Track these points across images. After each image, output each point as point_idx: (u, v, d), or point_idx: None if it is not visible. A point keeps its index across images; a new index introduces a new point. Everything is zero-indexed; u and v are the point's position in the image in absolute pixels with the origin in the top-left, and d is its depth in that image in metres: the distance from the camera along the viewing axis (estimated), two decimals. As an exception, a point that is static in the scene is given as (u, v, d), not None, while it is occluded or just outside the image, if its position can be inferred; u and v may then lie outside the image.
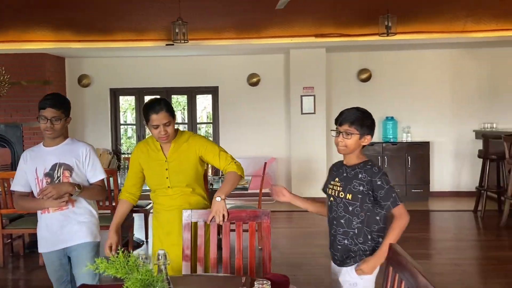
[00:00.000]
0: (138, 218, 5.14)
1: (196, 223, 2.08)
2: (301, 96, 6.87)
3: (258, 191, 4.71)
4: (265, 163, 4.46)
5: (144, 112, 2.25)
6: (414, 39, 6.61)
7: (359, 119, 2.02)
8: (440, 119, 7.27)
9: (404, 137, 7.13)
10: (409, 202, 6.74)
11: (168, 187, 2.28)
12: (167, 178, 2.27)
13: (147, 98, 7.93)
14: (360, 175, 2.01)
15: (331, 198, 2.09)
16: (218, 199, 2.09)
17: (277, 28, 6.52)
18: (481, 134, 6.18)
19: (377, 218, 2.02)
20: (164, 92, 7.56)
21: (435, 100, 7.26)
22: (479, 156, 5.97)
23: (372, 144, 6.94)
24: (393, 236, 1.96)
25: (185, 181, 2.29)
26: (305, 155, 6.95)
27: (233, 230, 2.12)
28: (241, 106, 7.32)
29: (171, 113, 2.26)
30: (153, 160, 2.32)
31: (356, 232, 2.01)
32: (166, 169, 2.28)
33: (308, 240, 5.03)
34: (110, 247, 2.21)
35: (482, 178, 5.96)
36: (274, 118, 7.39)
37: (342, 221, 2.02)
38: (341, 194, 2.03)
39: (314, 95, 6.86)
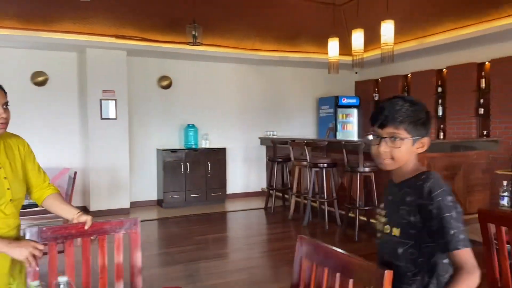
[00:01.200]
0: None
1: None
2: (101, 100, 6.34)
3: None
4: (75, 172, 3.91)
5: None
6: (211, 51, 7.04)
7: (411, 116, 1.35)
8: (232, 127, 7.95)
9: (203, 144, 7.48)
10: (210, 205, 7.13)
11: (11, 200, 1.71)
12: (8, 189, 1.70)
13: None
14: (408, 198, 1.34)
15: (378, 234, 1.46)
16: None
17: (72, 23, 5.88)
18: (270, 140, 7.06)
19: (444, 262, 1.32)
20: None
21: (228, 109, 7.89)
22: (269, 160, 6.80)
23: (174, 150, 7.01)
24: None
25: (24, 192, 1.79)
26: (105, 164, 6.43)
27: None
28: (24, 108, 6.20)
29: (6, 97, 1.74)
30: None
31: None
32: (5, 178, 1.71)
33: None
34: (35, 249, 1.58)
35: (271, 178, 6.81)
36: (67, 124, 6.58)
37: (394, 270, 1.23)
38: (387, 229, 1.39)
39: (115, 99, 6.44)
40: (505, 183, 3.59)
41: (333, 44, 6.10)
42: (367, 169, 4.81)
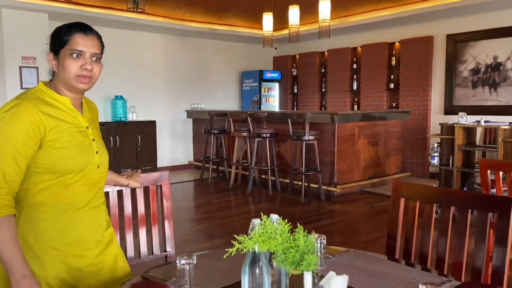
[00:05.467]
0: None
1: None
2: (20, 67, 5.66)
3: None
4: None
5: (62, 31, 1.37)
6: (141, 19, 6.71)
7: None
8: (159, 99, 7.75)
9: (130, 116, 7.17)
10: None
11: (98, 166, 1.49)
12: (96, 153, 1.49)
13: None
14: None
15: None
16: None
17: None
18: (206, 113, 7.07)
19: None
20: None
21: (154, 81, 7.65)
22: (204, 132, 6.83)
23: (103, 123, 6.62)
24: None
25: (107, 161, 1.55)
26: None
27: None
28: None
29: (103, 48, 1.46)
30: (72, 128, 1.43)
31: None
32: (93, 140, 1.50)
33: None
34: None
35: (206, 150, 6.88)
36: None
37: None
38: None
39: (37, 67, 5.80)
40: (435, 145, 4.27)
41: (268, 19, 6.29)
42: (311, 138, 5.22)
